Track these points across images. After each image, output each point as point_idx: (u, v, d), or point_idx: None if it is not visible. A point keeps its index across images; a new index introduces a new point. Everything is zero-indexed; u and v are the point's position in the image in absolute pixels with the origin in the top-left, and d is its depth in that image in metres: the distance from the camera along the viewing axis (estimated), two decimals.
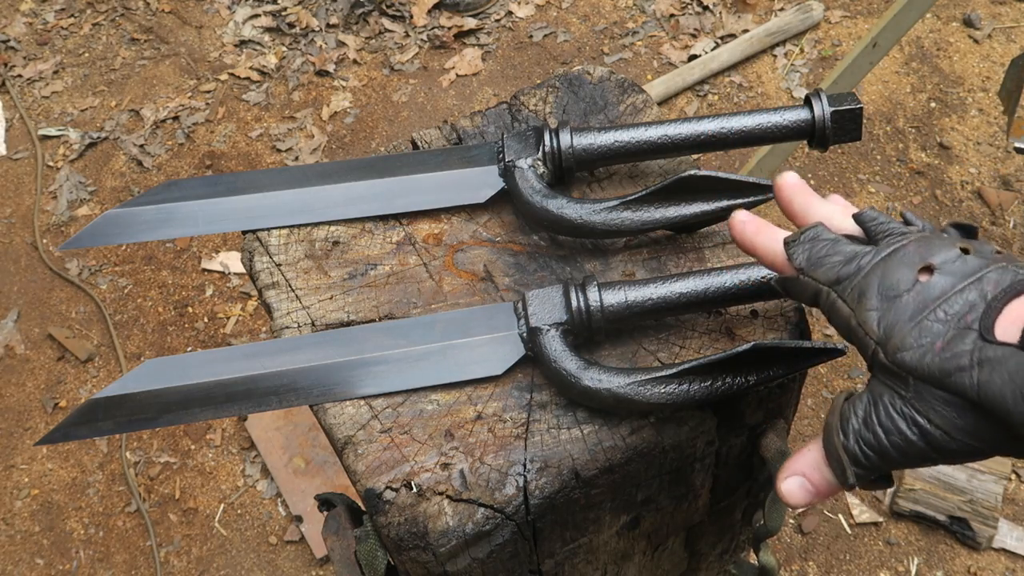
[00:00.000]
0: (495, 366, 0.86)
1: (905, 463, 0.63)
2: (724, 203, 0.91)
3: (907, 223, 0.71)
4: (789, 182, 0.76)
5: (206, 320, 2.73)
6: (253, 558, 2.27)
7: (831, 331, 2.51)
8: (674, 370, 0.80)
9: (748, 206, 0.92)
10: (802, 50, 3.27)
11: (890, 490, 2.21)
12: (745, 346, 0.78)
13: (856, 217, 0.72)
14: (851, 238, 0.70)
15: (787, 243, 0.72)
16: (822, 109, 0.94)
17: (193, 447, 2.47)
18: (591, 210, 0.91)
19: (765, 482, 0.97)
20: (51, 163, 3.20)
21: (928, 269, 0.64)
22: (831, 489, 0.66)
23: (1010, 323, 0.59)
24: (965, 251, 0.64)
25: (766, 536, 1.00)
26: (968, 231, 0.69)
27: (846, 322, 0.66)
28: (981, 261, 0.63)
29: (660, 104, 3.12)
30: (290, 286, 0.95)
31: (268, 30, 3.56)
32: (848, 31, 3.32)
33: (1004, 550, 2.12)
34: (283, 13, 3.59)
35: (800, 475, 0.67)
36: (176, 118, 3.28)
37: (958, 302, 0.61)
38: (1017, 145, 2.28)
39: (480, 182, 0.99)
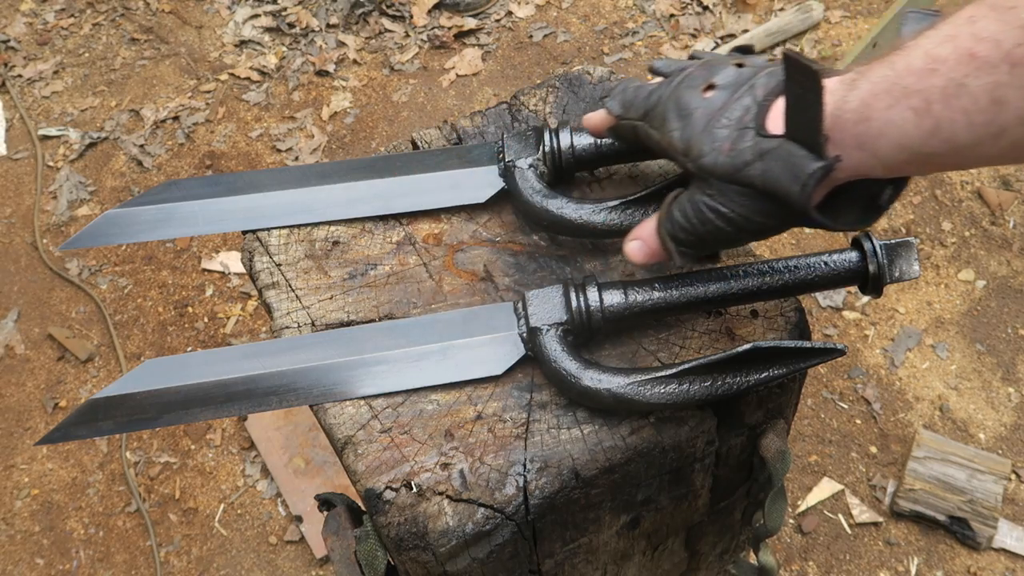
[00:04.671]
0: (495, 366, 0.86)
1: (718, 245, 0.78)
2: None
3: (694, 58, 0.83)
4: (590, 115, 0.90)
5: (206, 320, 2.73)
6: (253, 558, 2.27)
7: (831, 331, 2.51)
8: (674, 370, 0.80)
9: None
10: (802, 50, 3.27)
11: (890, 490, 2.21)
12: (745, 346, 0.78)
13: (650, 69, 0.86)
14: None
15: (602, 99, 0.86)
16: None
17: (193, 447, 2.47)
18: (591, 210, 0.91)
19: (765, 482, 0.97)
20: (51, 163, 3.20)
21: (711, 87, 0.75)
22: (663, 255, 0.81)
23: (777, 116, 0.69)
24: (740, 65, 0.75)
25: (766, 536, 1.00)
26: (746, 50, 0.82)
27: (659, 145, 0.79)
28: (753, 70, 0.74)
29: None
30: (290, 286, 0.95)
31: (268, 30, 3.56)
32: (848, 31, 3.32)
33: (1004, 550, 2.12)
34: (283, 13, 3.59)
35: (640, 239, 0.82)
36: (176, 118, 3.28)
37: (737, 108, 0.72)
38: None
39: (480, 182, 0.99)
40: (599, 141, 0.95)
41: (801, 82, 0.64)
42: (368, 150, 3.12)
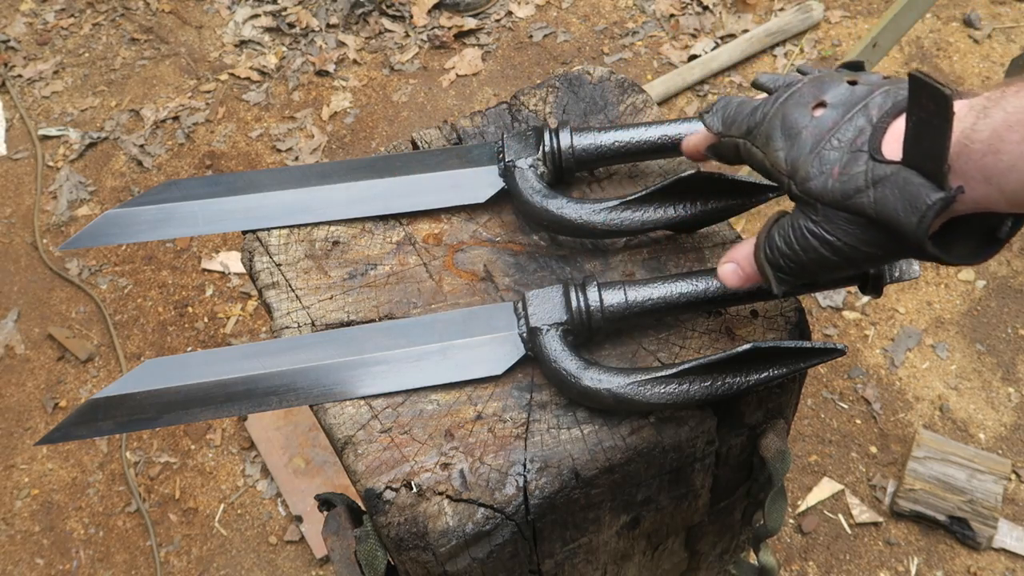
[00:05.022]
0: (495, 366, 0.86)
1: (821, 275, 0.72)
2: (724, 203, 0.91)
3: (803, 73, 0.77)
4: (689, 136, 0.86)
5: (206, 320, 2.73)
6: (253, 558, 2.27)
7: (831, 331, 2.51)
8: (674, 370, 0.80)
9: (747, 207, 0.92)
10: (802, 50, 3.27)
11: (890, 490, 2.21)
12: (745, 346, 0.78)
13: (754, 83, 0.80)
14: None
15: (702, 115, 0.81)
16: None
17: (193, 447, 2.47)
18: (591, 210, 0.91)
19: (765, 482, 0.97)
20: (51, 163, 3.20)
21: (821, 104, 0.70)
22: (759, 280, 0.77)
23: (893, 140, 0.64)
24: (853, 83, 0.70)
25: (766, 536, 1.00)
26: (856, 66, 0.77)
27: (762, 165, 0.74)
28: (867, 88, 0.69)
29: (660, 104, 3.12)
30: (290, 286, 0.95)
31: (268, 30, 3.56)
32: (848, 31, 3.32)
33: (1004, 550, 2.12)
34: (283, 13, 3.59)
35: (735, 263, 0.78)
36: (176, 118, 3.28)
37: (849, 129, 0.67)
38: None
39: (480, 182, 0.99)
40: (599, 141, 0.95)
41: (928, 106, 0.59)
42: (368, 150, 3.12)
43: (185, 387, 0.88)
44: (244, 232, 1.00)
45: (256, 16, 3.60)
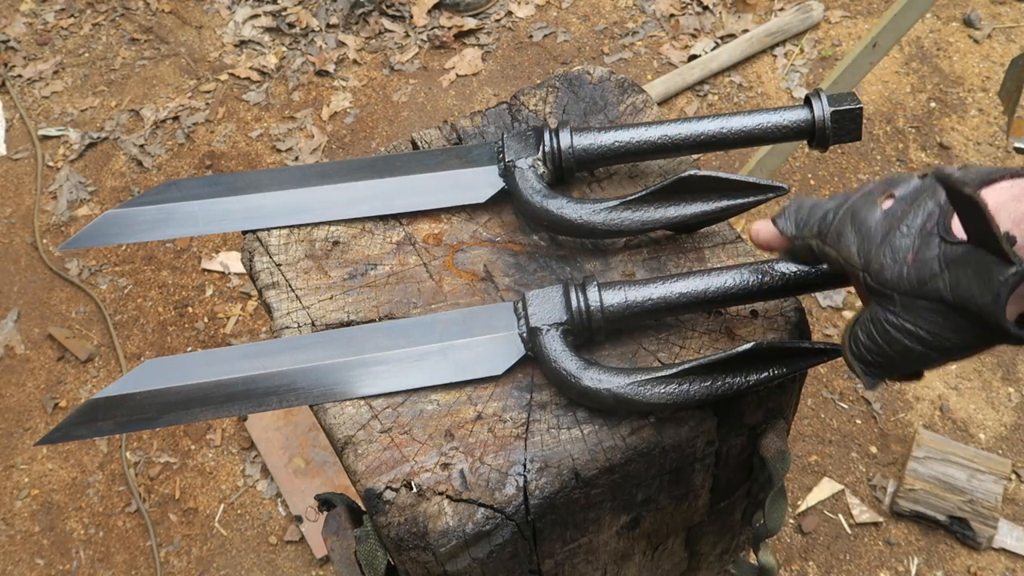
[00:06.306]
0: (495, 366, 0.86)
1: (913, 365, 0.69)
2: (724, 203, 0.91)
3: None
4: (760, 230, 0.83)
5: (206, 320, 2.73)
6: (253, 558, 2.27)
7: (831, 331, 2.51)
8: (674, 370, 0.80)
9: (747, 207, 0.92)
10: (802, 50, 3.27)
11: (890, 490, 2.21)
12: (745, 346, 0.78)
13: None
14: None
15: (774, 221, 0.78)
16: (822, 109, 0.94)
17: (193, 447, 2.47)
18: (591, 210, 0.91)
19: (765, 482, 0.97)
20: (51, 163, 3.20)
21: (890, 196, 0.70)
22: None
23: None
24: (923, 176, 0.70)
25: (766, 536, 1.00)
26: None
27: (836, 262, 0.73)
28: (933, 177, 0.66)
29: (660, 104, 3.12)
30: (290, 286, 0.95)
31: (268, 30, 3.56)
32: (848, 31, 3.32)
33: (1004, 550, 2.12)
34: (283, 13, 3.59)
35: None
36: (176, 118, 3.28)
37: (919, 215, 0.66)
38: (1017, 145, 2.28)
39: (480, 182, 0.99)
40: (599, 141, 0.95)
41: (959, 203, 0.59)
42: (368, 150, 3.12)
43: (185, 387, 0.88)
44: (244, 232, 1.00)
45: (256, 16, 3.60)
